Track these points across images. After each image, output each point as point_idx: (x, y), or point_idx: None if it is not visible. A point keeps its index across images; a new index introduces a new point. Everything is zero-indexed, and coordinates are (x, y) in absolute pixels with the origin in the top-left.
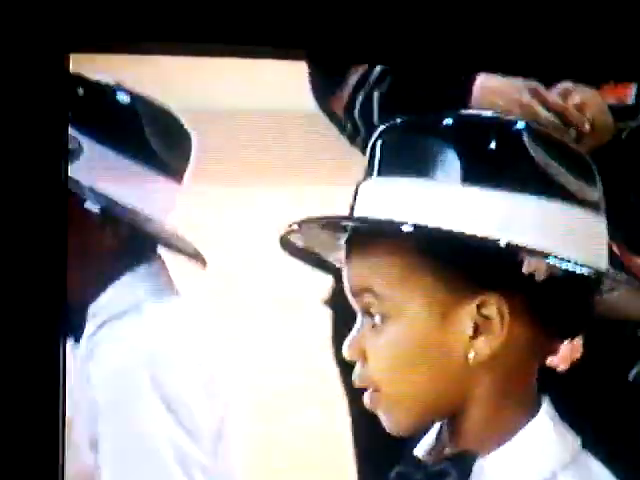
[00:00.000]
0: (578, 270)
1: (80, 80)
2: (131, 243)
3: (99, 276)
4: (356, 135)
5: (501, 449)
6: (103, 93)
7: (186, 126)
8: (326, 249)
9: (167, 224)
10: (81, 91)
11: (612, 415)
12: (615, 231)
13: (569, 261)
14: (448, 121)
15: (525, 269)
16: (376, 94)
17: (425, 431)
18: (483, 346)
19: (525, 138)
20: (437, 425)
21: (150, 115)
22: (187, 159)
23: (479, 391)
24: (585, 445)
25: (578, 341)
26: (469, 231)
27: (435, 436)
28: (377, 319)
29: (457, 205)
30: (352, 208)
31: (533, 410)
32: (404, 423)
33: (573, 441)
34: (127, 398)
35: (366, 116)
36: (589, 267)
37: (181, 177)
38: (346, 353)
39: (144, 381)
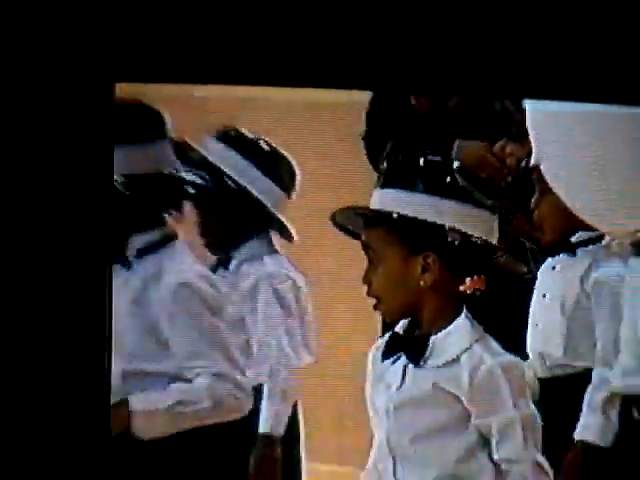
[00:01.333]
0: (478, 241)
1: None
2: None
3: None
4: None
5: (442, 332)
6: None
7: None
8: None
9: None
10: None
11: (502, 311)
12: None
13: (472, 235)
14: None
15: (449, 238)
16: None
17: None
18: (427, 279)
19: (458, 176)
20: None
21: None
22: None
23: (427, 302)
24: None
25: (477, 278)
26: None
27: (408, 323)
28: (374, 262)
29: (419, 204)
30: None
31: (458, 314)
32: (392, 317)
33: (480, 328)
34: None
35: None
36: (484, 240)
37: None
38: (363, 280)
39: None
